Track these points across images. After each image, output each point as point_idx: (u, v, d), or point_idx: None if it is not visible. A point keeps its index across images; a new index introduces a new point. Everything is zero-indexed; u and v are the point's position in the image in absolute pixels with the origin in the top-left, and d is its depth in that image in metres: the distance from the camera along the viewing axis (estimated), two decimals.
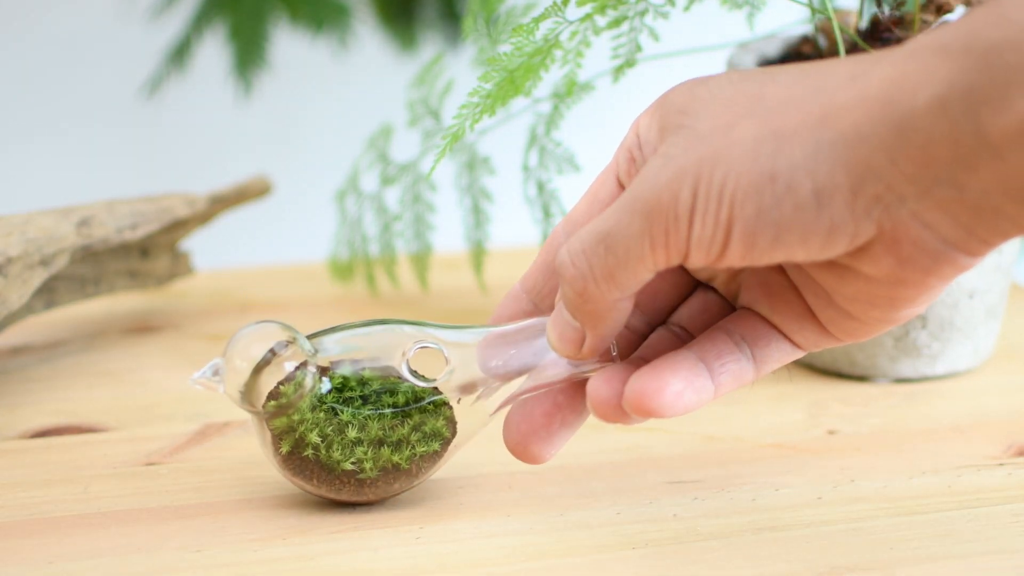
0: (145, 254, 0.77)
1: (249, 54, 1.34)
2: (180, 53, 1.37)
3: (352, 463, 0.54)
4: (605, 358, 0.51)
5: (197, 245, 0.84)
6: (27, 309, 0.70)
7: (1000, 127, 0.41)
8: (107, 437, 0.64)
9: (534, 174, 0.74)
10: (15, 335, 0.75)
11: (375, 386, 0.54)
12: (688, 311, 0.53)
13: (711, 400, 0.50)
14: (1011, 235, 0.44)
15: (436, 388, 0.54)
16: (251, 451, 0.61)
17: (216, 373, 0.54)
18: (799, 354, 0.51)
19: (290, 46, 1.48)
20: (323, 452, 0.54)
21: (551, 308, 0.53)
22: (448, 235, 0.85)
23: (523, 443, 0.53)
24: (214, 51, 1.43)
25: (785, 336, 0.50)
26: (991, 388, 0.69)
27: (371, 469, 0.54)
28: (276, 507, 0.56)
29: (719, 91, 0.47)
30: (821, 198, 0.43)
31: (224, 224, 0.90)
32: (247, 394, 0.53)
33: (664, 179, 0.45)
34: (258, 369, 0.53)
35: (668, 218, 0.45)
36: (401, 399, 0.54)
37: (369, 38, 1.52)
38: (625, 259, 0.46)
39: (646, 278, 0.47)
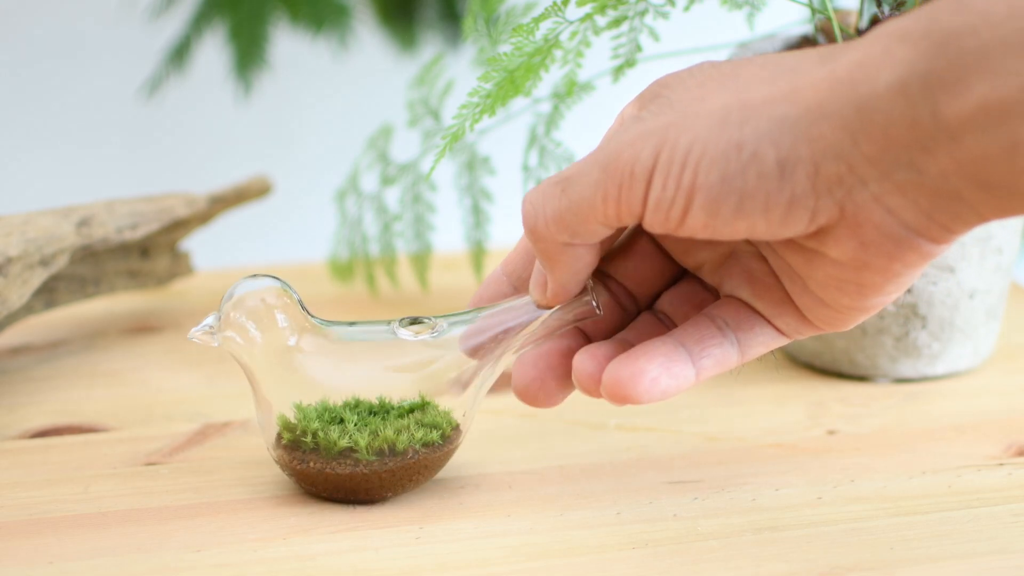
0: (145, 254, 0.77)
1: (249, 54, 1.34)
2: (180, 53, 1.37)
3: (347, 441, 0.54)
4: (587, 312, 0.52)
5: (197, 245, 0.84)
6: (27, 309, 0.70)
7: (956, 111, 0.42)
8: (107, 437, 0.64)
9: (534, 174, 0.74)
10: (15, 335, 0.75)
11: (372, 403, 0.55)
12: (672, 298, 0.54)
13: (693, 384, 0.50)
14: (972, 223, 0.45)
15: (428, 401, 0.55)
16: (251, 451, 0.61)
17: (213, 326, 0.55)
18: (783, 341, 0.52)
19: (290, 46, 1.48)
20: (321, 436, 0.54)
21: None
22: (448, 235, 0.85)
23: (531, 387, 0.53)
24: (214, 51, 1.43)
25: (768, 322, 0.51)
26: (991, 388, 0.69)
27: (367, 449, 0.54)
28: (276, 507, 0.56)
29: (699, 72, 0.48)
30: (784, 168, 0.44)
31: (224, 224, 0.90)
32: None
33: (629, 137, 0.47)
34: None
35: (624, 174, 0.46)
36: (405, 407, 0.55)
37: (369, 38, 1.52)
38: (577, 204, 0.48)
39: (598, 230, 0.48)
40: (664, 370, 0.49)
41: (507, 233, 0.85)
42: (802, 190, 0.45)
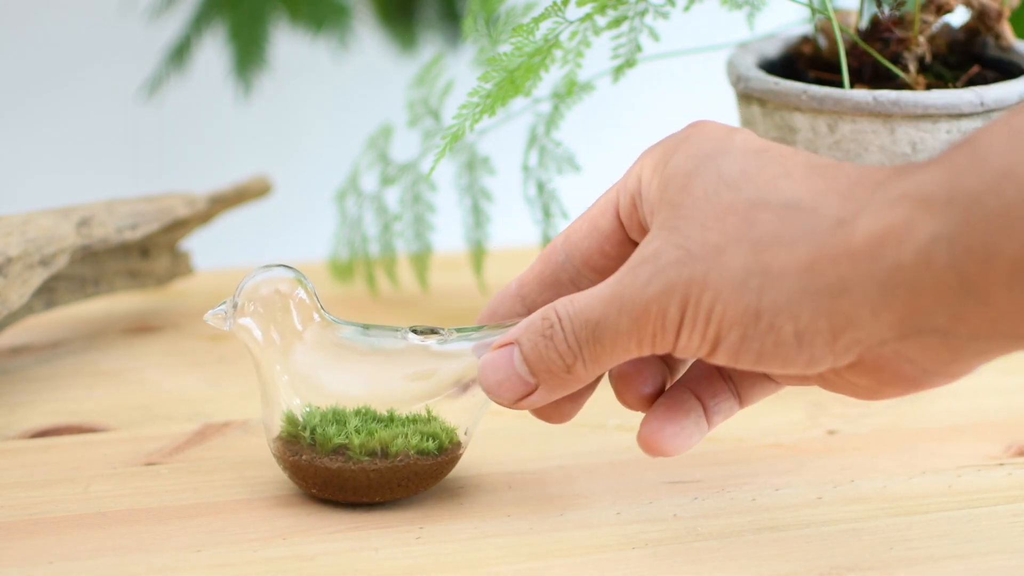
0: (145, 254, 0.77)
1: (249, 54, 1.34)
2: (180, 53, 1.37)
3: (342, 439, 0.54)
4: None
5: (197, 245, 0.84)
6: (27, 309, 0.70)
7: (986, 276, 0.42)
8: (107, 437, 0.64)
9: (534, 174, 0.74)
10: (15, 335, 0.75)
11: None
12: None
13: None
14: (992, 358, 0.46)
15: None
16: (251, 451, 0.61)
17: (227, 311, 0.55)
18: (781, 389, 0.53)
19: (290, 46, 1.48)
20: (319, 432, 0.54)
21: None
22: (448, 235, 0.84)
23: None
24: (214, 51, 1.42)
25: (770, 378, 0.53)
26: (991, 388, 0.69)
27: (359, 448, 0.54)
28: (276, 507, 0.56)
29: (715, 195, 0.48)
30: (802, 340, 0.45)
31: (224, 224, 0.90)
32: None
33: (653, 292, 0.47)
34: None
35: (656, 327, 0.48)
36: (410, 418, 0.55)
37: (369, 38, 1.52)
38: (612, 349, 0.49)
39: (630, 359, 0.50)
40: (686, 434, 0.52)
41: (507, 233, 0.85)
42: (820, 354, 0.46)
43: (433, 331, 0.55)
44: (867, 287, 0.44)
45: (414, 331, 0.55)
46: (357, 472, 0.54)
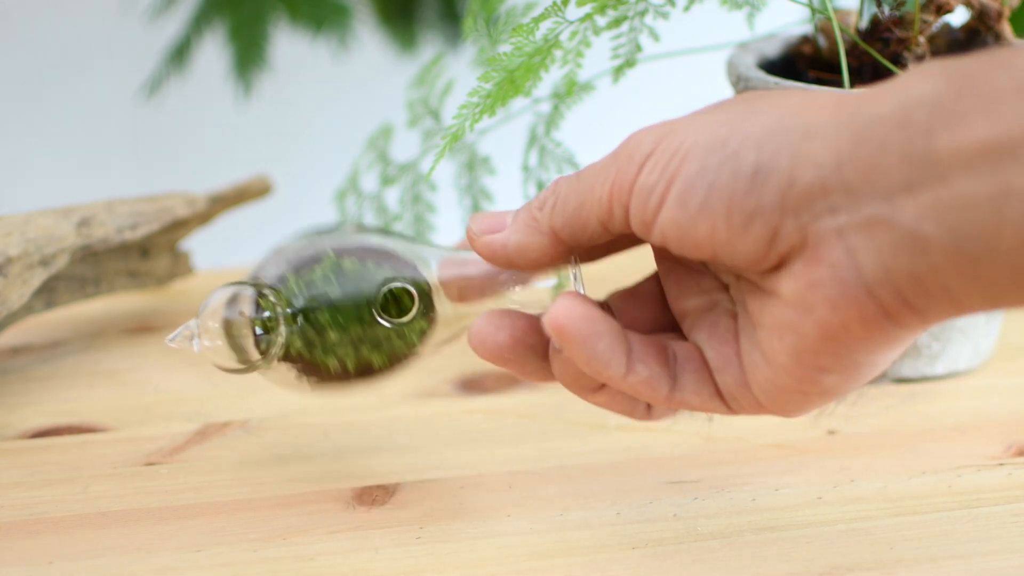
0: (145, 254, 0.77)
1: (249, 54, 1.34)
2: (180, 53, 1.37)
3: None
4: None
5: (197, 245, 0.84)
6: (27, 309, 0.70)
7: (951, 145, 0.40)
8: (107, 437, 0.64)
9: (534, 174, 0.74)
10: (15, 335, 0.75)
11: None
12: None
13: (615, 377, 0.49)
14: (926, 300, 0.42)
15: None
16: (251, 451, 0.61)
17: (191, 334, 0.55)
18: (715, 404, 0.50)
19: (290, 46, 1.48)
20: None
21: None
22: (448, 235, 0.84)
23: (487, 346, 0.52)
24: (214, 51, 1.43)
25: (710, 374, 0.49)
26: (991, 388, 0.69)
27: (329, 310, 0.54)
28: (276, 507, 0.56)
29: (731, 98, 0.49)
30: (758, 173, 0.44)
31: (224, 224, 0.90)
32: (222, 350, 0.54)
33: (644, 129, 0.47)
34: (228, 329, 0.54)
35: (624, 158, 0.47)
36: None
37: (369, 38, 1.52)
38: (580, 190, 0.48)
39: (592, 226, 0.48)
40: (609, 343, 0.48)
41: None
42: (769, 203, 0.44)
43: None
44: (839, 133, 0.42)
45: (381, 315, 0.55)
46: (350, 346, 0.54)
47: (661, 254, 0.51)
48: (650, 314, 0.53)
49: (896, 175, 0.41)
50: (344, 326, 0.55)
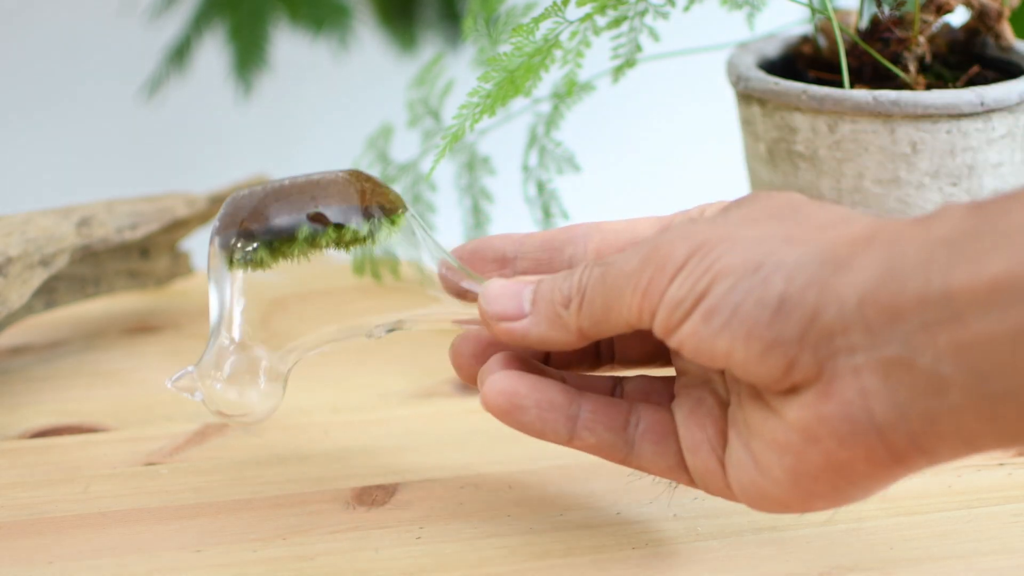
0: (145, 254, 0.77)
1: (249, 54, 1.34)
2: (180, 53, 1.37)
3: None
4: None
5: (197, 245, 0.84)
6: (27, 309, 0.70)
7: (966, 283, 0.40)
8: (107, 437, 0.64)
9: (534, 174, 0.74)
10: (15, 335, 0.75)
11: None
12: (639, 381, 0.53)
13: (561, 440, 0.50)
14: (938, 444, 0.42)
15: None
16: (251, 451, 0.61)
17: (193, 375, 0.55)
18: (677, 475, 0.50)
19: (290, 46, 1.48)
20: None
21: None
22: (448, 235, 0.84)
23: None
24: (214, 51, 1.43)
25: (677, 446, 0.50)
26: None
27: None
28: (276, 507, 0.56)
29: (771, 198, 0.48)
30: (784, 304, 0.43)
31: None
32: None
33: (675, 236, 0.46)
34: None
35: (656, 265, 0.46)
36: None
37: (369, 38, 1.52)
38: (608, 292, 0.47)
39: (618, 328, 0.48)
40: (538, 414, 0.50)
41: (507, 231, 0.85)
42: (789, 336, 0.43)
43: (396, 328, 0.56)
44: (866, 271, 0.42)
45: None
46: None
47: None
48: (648, 348, 0.53)
49: (915, 315, 0.41)
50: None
